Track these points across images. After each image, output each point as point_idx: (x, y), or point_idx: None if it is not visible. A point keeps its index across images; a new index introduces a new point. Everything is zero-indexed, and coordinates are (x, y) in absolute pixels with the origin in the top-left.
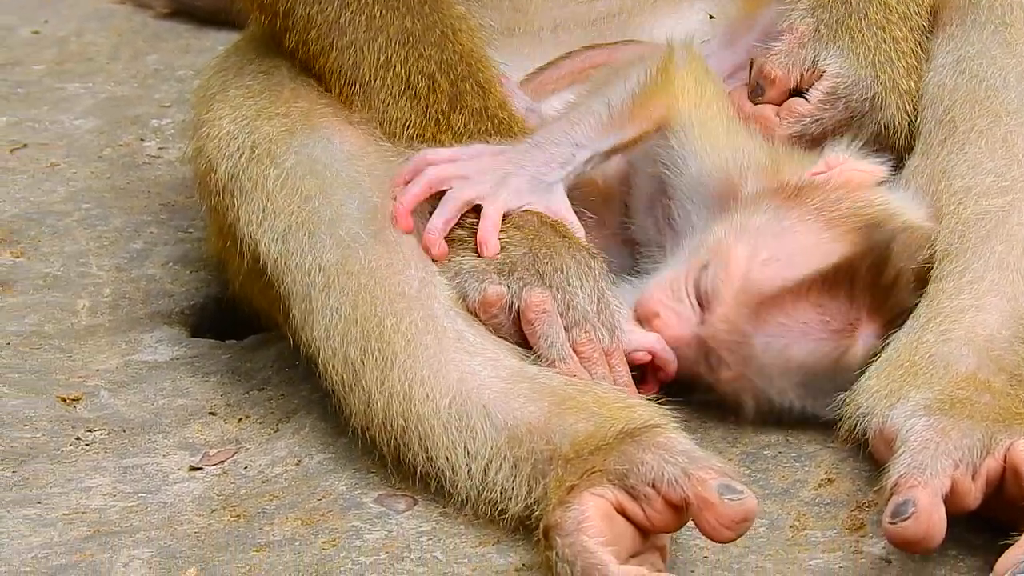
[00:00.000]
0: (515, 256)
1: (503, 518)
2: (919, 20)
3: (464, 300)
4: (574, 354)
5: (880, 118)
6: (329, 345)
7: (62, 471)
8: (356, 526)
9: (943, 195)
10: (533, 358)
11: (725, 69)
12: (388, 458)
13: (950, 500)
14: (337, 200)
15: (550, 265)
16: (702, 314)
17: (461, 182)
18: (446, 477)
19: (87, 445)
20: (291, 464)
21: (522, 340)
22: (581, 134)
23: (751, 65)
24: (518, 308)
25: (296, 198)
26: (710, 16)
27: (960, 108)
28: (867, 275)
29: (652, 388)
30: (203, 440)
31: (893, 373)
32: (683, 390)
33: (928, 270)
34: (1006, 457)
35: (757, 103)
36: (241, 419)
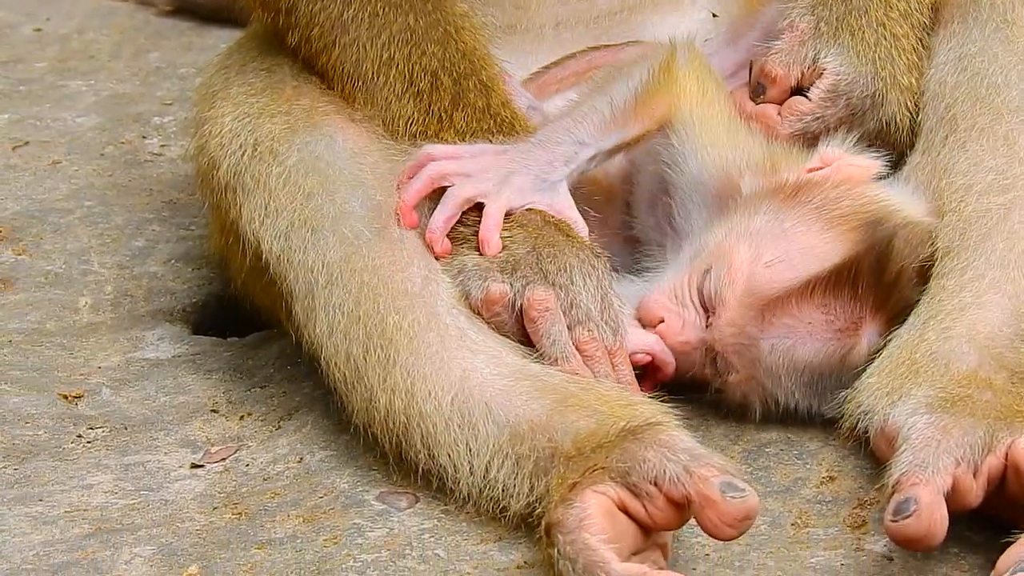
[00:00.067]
0: (518, 254)
1: (505, 515)
2: (920, 17)
3: (467, 298)
4: (577, 352)
5: (881, 115)
6: (331, 342)
7: (64, 468)
8: (358, 523)
9: (944, 192)
10: (535, 356)
11: (727, 67)
12: (390, 455)
13: (952, 498)
14: (340, 198)
15: (553, 264)
16: (707, 318)
17: (463, 180)
18: (448, 474)
19: (89, 443)
20: (293, 462)
21: (525, 338)
22: (584, 132)
23: (751, 65)
24: (521, 306)
25: (298, 196)
26: (712, 14)
27: (961, 105)
28: (870, 273)
29: (650, 388)
30: (205, 437)
31: (894, 371)
32: (685, 388)
33: (930, 266)
34: (1007, 455)
35: (759, 102)
36: (243, 416)
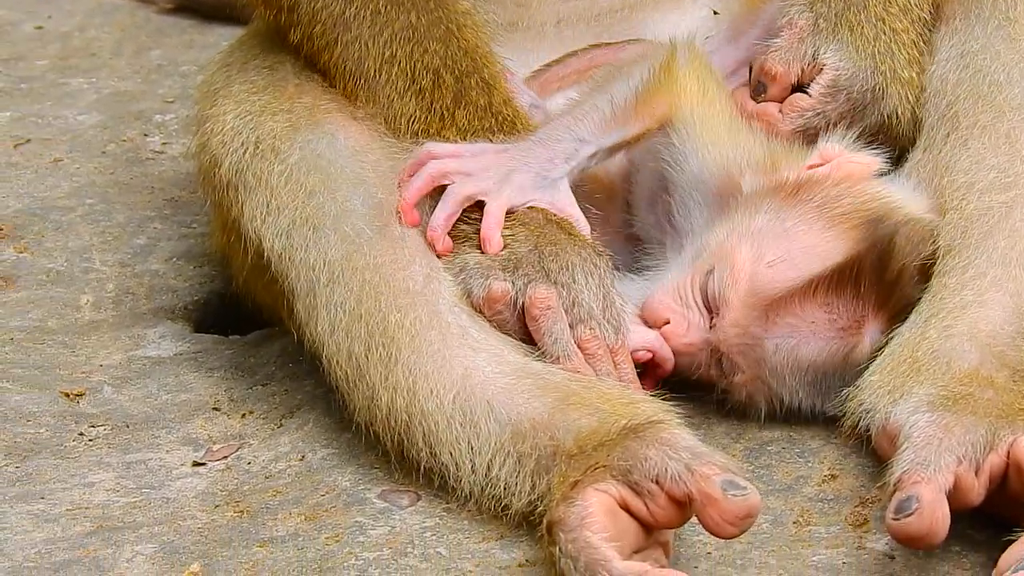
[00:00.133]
0: (520, 253)
1: (507, 514)
2: (920, 12)
3: (469, 296)
4: (578, 351)
5: (882, 108)
6: (333, 340)
7: (65, 467)
8: (359, 522)
9: (946, 190)
10: (537, 354)
11: (729, 65)
12: (392, 454)
13: (953, 496)
14: (341, 196)
15: (555, 262)
16: (711, 319)
17: (463, 178)
18: (450, 473)
19: (90, 440)
20: (294, 460)
21: (526, 337)
22: (585, 129)
23: (752, 64)
24: (522, 305)
25: (300, 194)
26: (714, 12)
27: (963, 103)
28: (872, 271)
29: (651, 385)
30: (206, 435)
31: (896, 369)
32: (687, 386)
33: (931, 264)
34: (1009, 453)
35: (760, 101)
36: (244, 414)
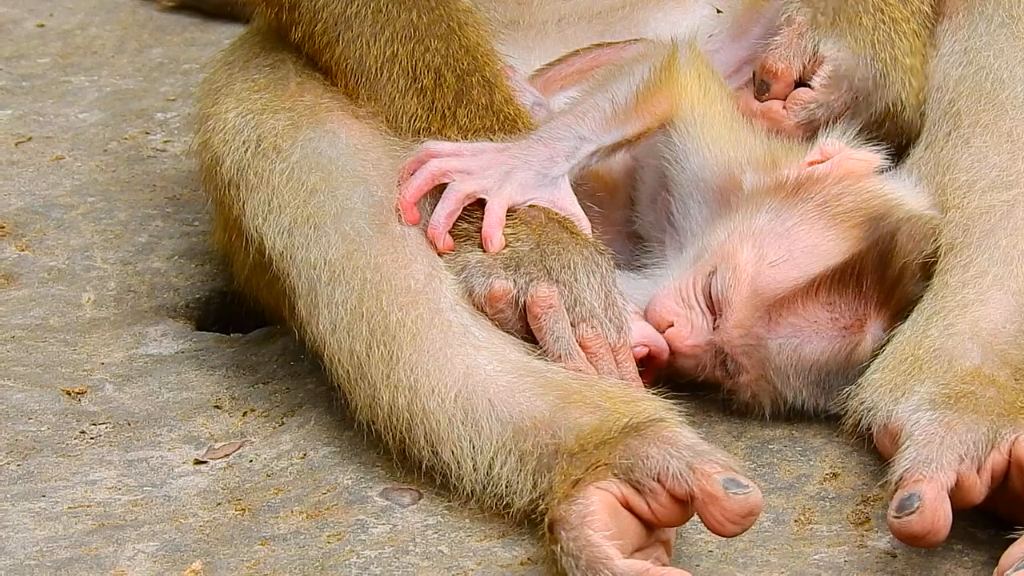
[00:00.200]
0: (522, 251)
1: (508, 512)
2: (919, 3)
3: (470, 295)
4: (580, 349)
5: (886, 96)
6: (335, 339)
7: (67, 464)
8: (361, 520)
9: (948, 188)
10: (539, 353)
11: (732, 63)
12: (393, 452)
13: (955, 494)
14: (342, 194)
15: (557, 261)
16: (714, 320)
17: (464, 176)
18: (451, 471)
19: (92, 438)
20: (296, 458)
21: (528, 335)
22: (585, 128)
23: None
24: (524, 303)
25: (301, 192)
26: (717, 10)
27: (965, 100)
28: (873, 269)
29: (649, 378)
30: (208, 434)
31: (898, 368)
32: (689, 385)
33: (933, 261)
34: (1011, 451)
35: (764, 100)
36: (246, 413)
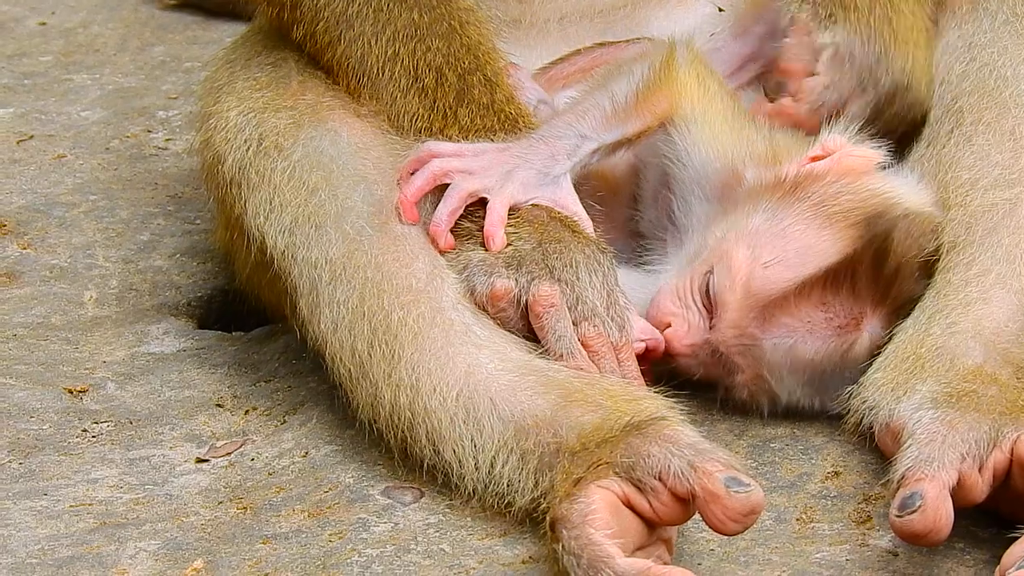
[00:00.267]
0: (524, 250)
1: (510, 511)
2: None
3: (472, 293)
4: (582, 348)
5: (891, 69)
6: (336, 338)
7: (69, 463)
8: (363, 518)
9: (950, 186)
10: (540, 352)
11: (734, 61)
12: (395, 450)
13: (957, 493)
14: (343, 193)
15: (559, 260)
16: (711, 319)
17: (466, 176)
18: (453, 470)
19: (94, 437)
20: (298, 456)
21: (530, 334)
22: (586, 126)
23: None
24: (526, 302)
25: (303, 191)
26: (719, 9)
27: (968, 98)
28: (869, 268)
29: (646, 369)
30: (210, 432)
31: (899, 366)
32: (690, 384)
33: (934, 259)
34: (1013, 450)
35: (779, 97)
36: (248, 411)
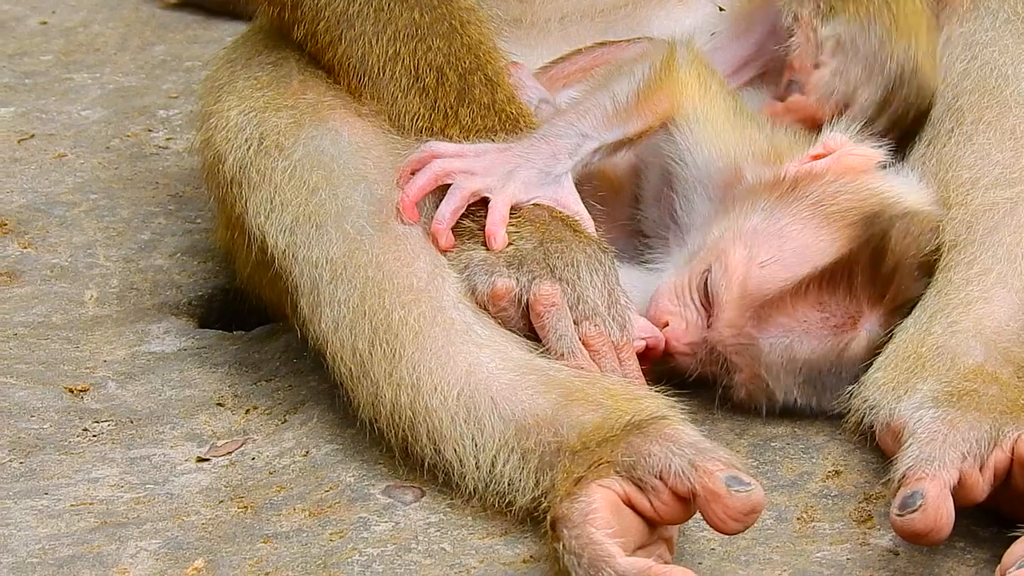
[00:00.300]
0: (525, 249)
1: (511, 510)
2: None
3: (473, 293)
4: (583, 347)
5: (895, 52)
6: (337, 337)
7: (69, 462)
8: (363, 517)
9: (950, 185)
10: (541, 351)
11: (735, 61)
12: (396, 449)
13: (958, 492)
14: (344, 193)
15: (561, 259)
16: (709, 318)
17: (468, 176)
18: (454, 469)
19: (94, 436)
20: (299, 455)
21: (531, 333)
22: (587, 125)
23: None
24: (527, 301)
25: (303, 190)
26: (720, 8)
27: (969, 96)
28: (866, 268)
29: (647, 366)
30: (210, 431)
31: (900, 365)
32: (691, 382)
33: (935, 258)
34: (1014, 449)
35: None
36: (249, 410)
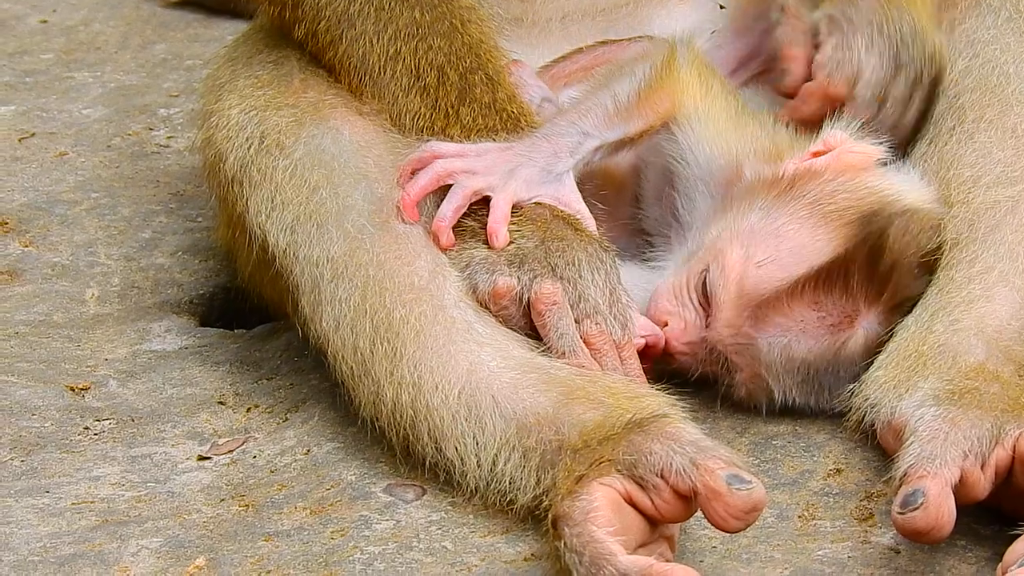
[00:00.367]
0: (526, 248)
1: (512, 508)
2: None
3: (474, 291)
4: (584, 346)
5: (889, 15)
6: (338, 336)
7: (71, 460)
8: (365, 516)
9: (952, 183)
10: (543, 349)
11: (736, 58)
12: (397, 448)
13: (959, 491)
14: (344, 191)
15: (562, 258)
16: (707, 317)
17: (469, 176)
18: (455, 467)
19: (96, 434)
20: (300, 454)
21: (532, 332)
22: (588, 124)
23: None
24: (528, 300)
25: (304, 189)
26: (720, 6)
27: (970, 95)
28: (863, 267)
29: (648, 365)
30: (212, 430)
31: (901, 364)
32: (692, 381)
33: (936, 256)
34: (1015, 447)
35: (788, 86)
36: (250, 409)
